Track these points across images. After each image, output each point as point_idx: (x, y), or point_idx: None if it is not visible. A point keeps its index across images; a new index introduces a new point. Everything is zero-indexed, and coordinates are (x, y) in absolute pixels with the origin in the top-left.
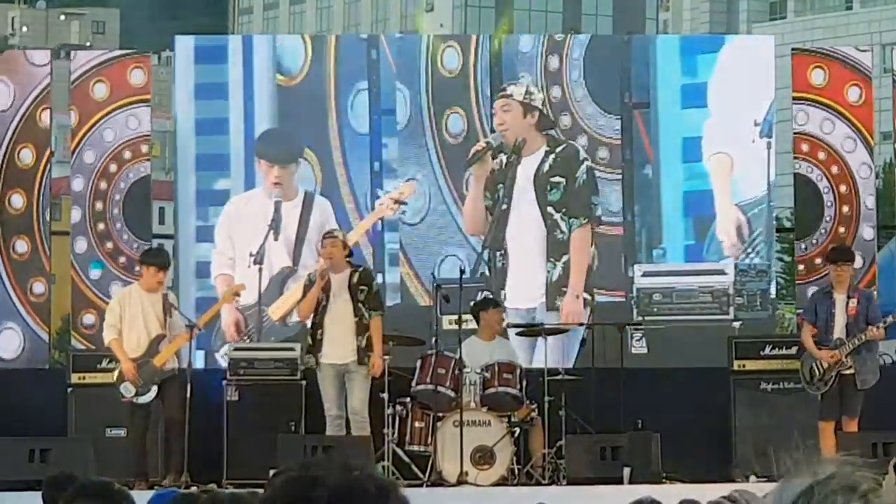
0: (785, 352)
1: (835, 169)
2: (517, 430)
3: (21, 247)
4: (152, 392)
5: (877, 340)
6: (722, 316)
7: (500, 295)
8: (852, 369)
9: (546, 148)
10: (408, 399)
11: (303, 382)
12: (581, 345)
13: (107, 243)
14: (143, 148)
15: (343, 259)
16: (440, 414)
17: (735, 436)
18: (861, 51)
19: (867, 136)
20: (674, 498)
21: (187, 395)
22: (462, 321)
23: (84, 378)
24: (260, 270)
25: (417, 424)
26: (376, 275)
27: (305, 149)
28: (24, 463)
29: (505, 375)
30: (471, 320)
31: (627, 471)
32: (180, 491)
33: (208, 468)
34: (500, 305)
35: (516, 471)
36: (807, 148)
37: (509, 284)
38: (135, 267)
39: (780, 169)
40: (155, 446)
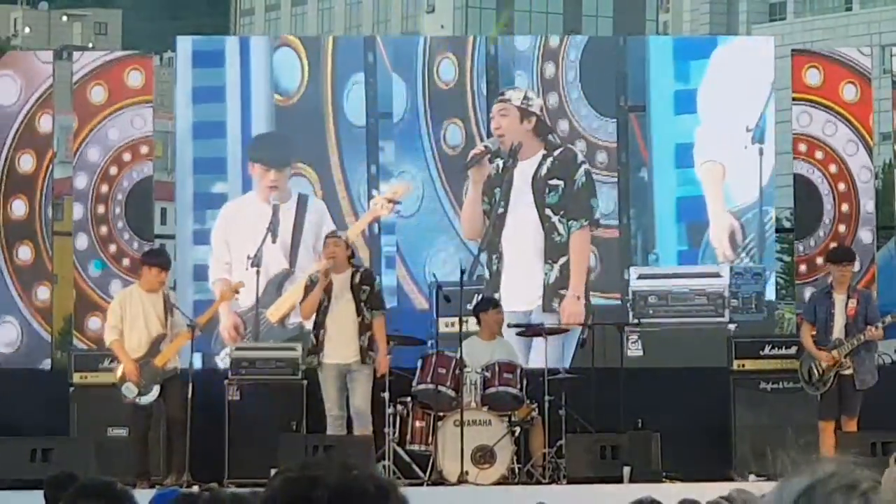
0: (784, 352)
1: (833, 168)
2: (517, 430)
3: (24, 253)
4: (154, 392)
5: (876, 340)
6: (717, 318)
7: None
8: (851, 369)
9: (543, 151)
10: (408, 399)
11: (304, 382)
12: (581, 345)
13: (109, 245)
14: (146, 148)
15: (345, 259)
16: (441, 413)
17: (734, 435)
18: (864, 55)
19: (865, 135)
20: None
21: (189, 395)
22: (462, 322)
23: (86, 378)
24: (257, 273)
25: (418, 424)
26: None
27: (302, 164)
28: (26, 462)
29: (505, 375)
30: (467, 322)
31: (627, 470)
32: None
33: (210, 468)
34: (500, 306)
35: (517, 470)
36: (804, 148)
37: (505, 287)
38: (123, 259)
39: (780, 169)
40: (157, 446)
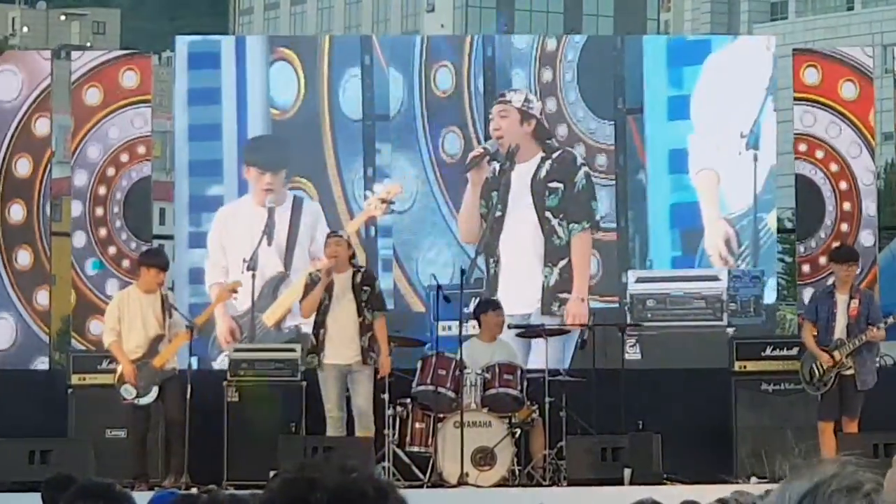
0: (786, 353)
1: (834, 167)
2: (518, 431)
3: (23, 258)
4: (153, 393)
5: (877, 341)
6: (716, 322)
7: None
8: (852, 370)
9: (542, 154)
10: (408, 400)
11: (303, 383)
12: (581, 346)
13: (109, 247)
14: (145, 148)
15: (347, 259)
16: (441, 415)
17: (736, 437)
18: (867, 55)
19: (867, 135)
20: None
21: (187, 396)
22: (461, 324)
23: (84, 379)
24: (253, 277)
25: (418, 425)
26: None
27: (300, 178)
28: (25, 464)
29: (505, 376)
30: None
31: (628, 472)
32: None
33: (209, 469)
34: (500, 308)
35: (517, 472)
36: (805, 148)
37: (503, 290)
38: (123, 261)
39: (781, 170)
40: (155, 447)
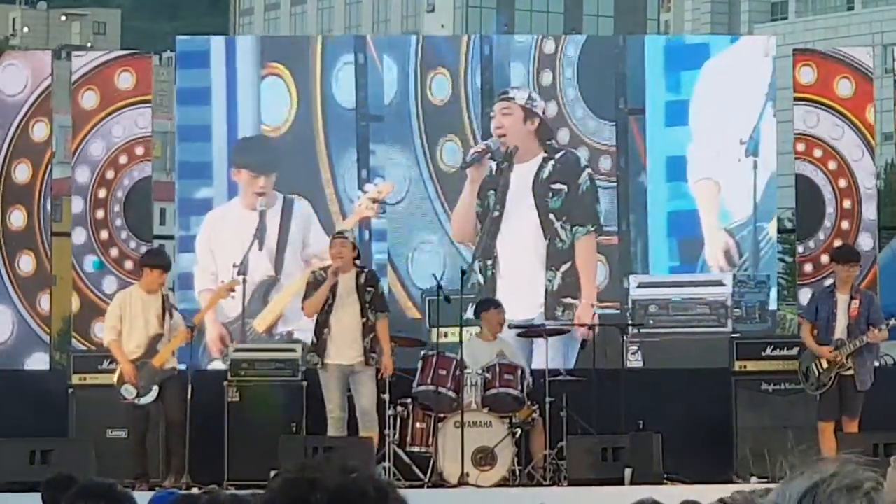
0: (786, 353)
1: (832, 164)
2: (518, 431)
3: (26, 264)
4: (153, 393)
5: (878, 342)
6: (720, 328)
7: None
8: (852, 370)
9: (544, 154)
10: (409, 400)
11: (304, 383)
12: (581, 346)
13: (110, 248)
14: (146, 149)
15: (351, 259)
16: (441, 415)
17: (736, 437)
18: (868, 56)
19: (865, 133)
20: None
21: (188, 396)
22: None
23: (85, 379)
24: (244, 282)
25: (418, 425)
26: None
27: (297, 195)
28: (25, 464)
29: (506, 376)
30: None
31: (629, 472)
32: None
33: (209, 469)
34: (501, 306)
35: (517, 472)
36: (802, 147)
37: (503, 293)
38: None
39: (781, 170)
40: (156, 447)
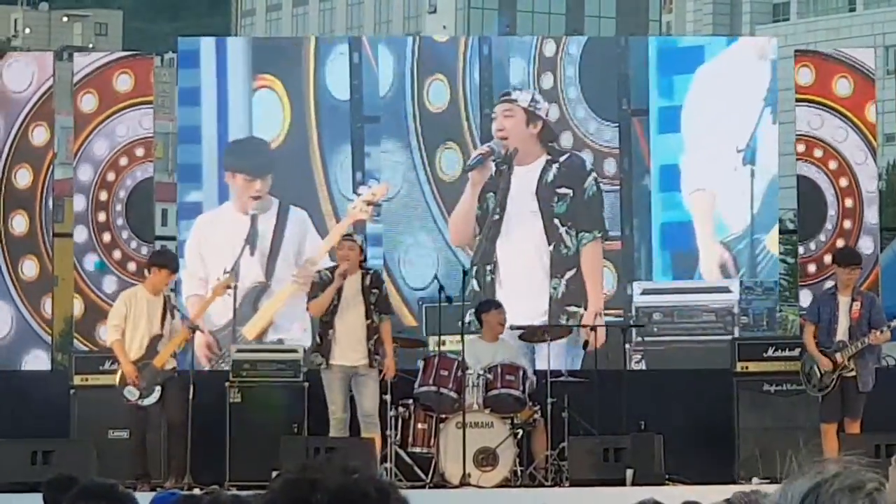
0: (788, 353)
1: (833, 164)
2: (520, 432)
3: (29, 268)
4: (156, 394)
5: (880, 344)
6: (726, 336)
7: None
8: (854, 371)
9: (547, 157)
10: (410, 401)
11: (305, 384)
12: (583, 347)
13: (113, 250)
14: (147, 149)
15: (358, 262)
16: (443, 415)
17: (738, 437)
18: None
19: (866, 133)
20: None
21: (189, 397)
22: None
23: (86, 380)
24: (235, 289)
25: (420, 426)
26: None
27: (295, 206)
28: (27, 465)
29: (507, 377)
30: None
31: (630, 472)
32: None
33: (211, 470)
34: (502, 306)
35: (519, 472)
36: (803, 148)
37: (504, 301)
38: (128, 264)
39: (783, 171)
40: (157, 448)
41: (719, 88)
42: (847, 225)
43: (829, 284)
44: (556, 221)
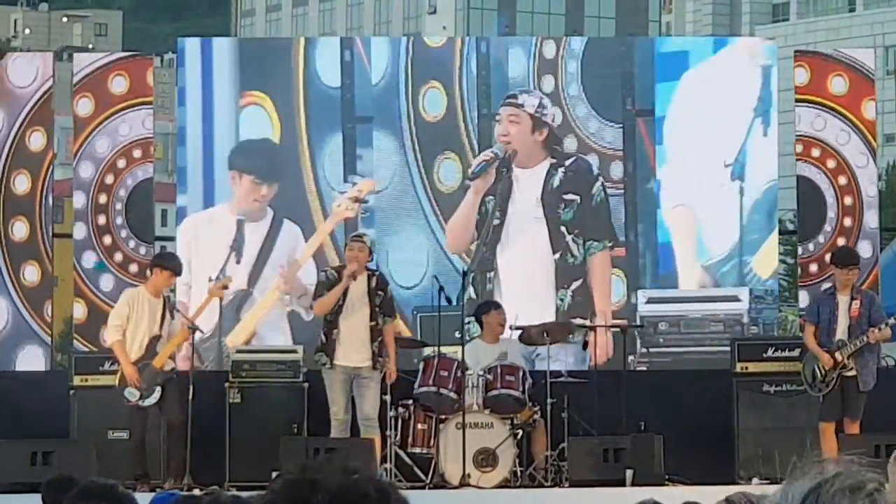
0: (787, 354)
1: (831, 163)
2: (520, 433)
3: (31, 274)
4: (156, 394)
5: (880, 342)
6: None
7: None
8: (854, 371)
9: (552, 160)
10: (410, 401)
11: (305, 385)
12: (583, 348)
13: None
14: (147, 150)
15: (365, 264)
16: (442, 416)
17: (738, 438)
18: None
19: (864, 130)
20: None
21: (189, 398)
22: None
23: (86, 380)
24: (220, 297)
25: (420, 427)
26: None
27: (288, 220)
28: (27, 466)
29: (507, 378)
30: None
31: (630, 473)
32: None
33: (211, 470)
34: (501, 307)
35: (519, 473)
36: (800, 148)
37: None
38: (130, 265)
39: (783, 171)
40: (157, 448)
41: (705, 97)
42: (847, 223)
43: (827, 285)
44: (563, 229)
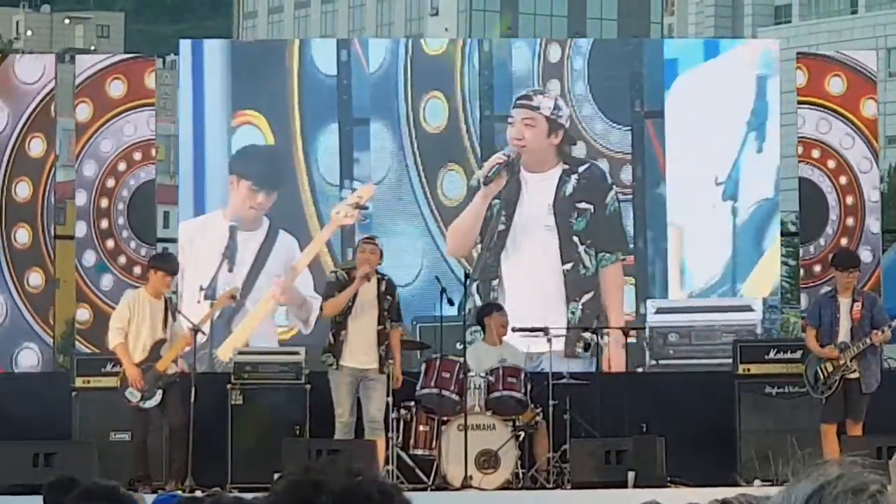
0: (790, 356)
1: (831, 163)
2: (522, 434)
3: (35, 280)
4: (157, 396)
5: (882, 344)
6: None
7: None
8: (857, 373)
9: (564, 166)
10: (412, 403)
11: (307, 387)
12: (585, 349)
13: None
14: (148, 152)
15: (376, 266)
16: (444, 418)
17: (740, 440)
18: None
19: (863, 129)
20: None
21: (191, 400)
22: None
23: (88, 382)
24: (211, 307)
25: (422, 428)
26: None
27: (284, 231)
28: (28, 467)
29: (509, 379)
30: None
31: (632, 475)
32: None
33: (213, 472)
34: (503, 309)
35: (521, 475)
36: (801, 150)
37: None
38: (133, 268)
39: (785, 173)
40: (159, 450)
41: (696, 108)
42: (850, 222)
43: (828, 288)
44: (576, 239)
